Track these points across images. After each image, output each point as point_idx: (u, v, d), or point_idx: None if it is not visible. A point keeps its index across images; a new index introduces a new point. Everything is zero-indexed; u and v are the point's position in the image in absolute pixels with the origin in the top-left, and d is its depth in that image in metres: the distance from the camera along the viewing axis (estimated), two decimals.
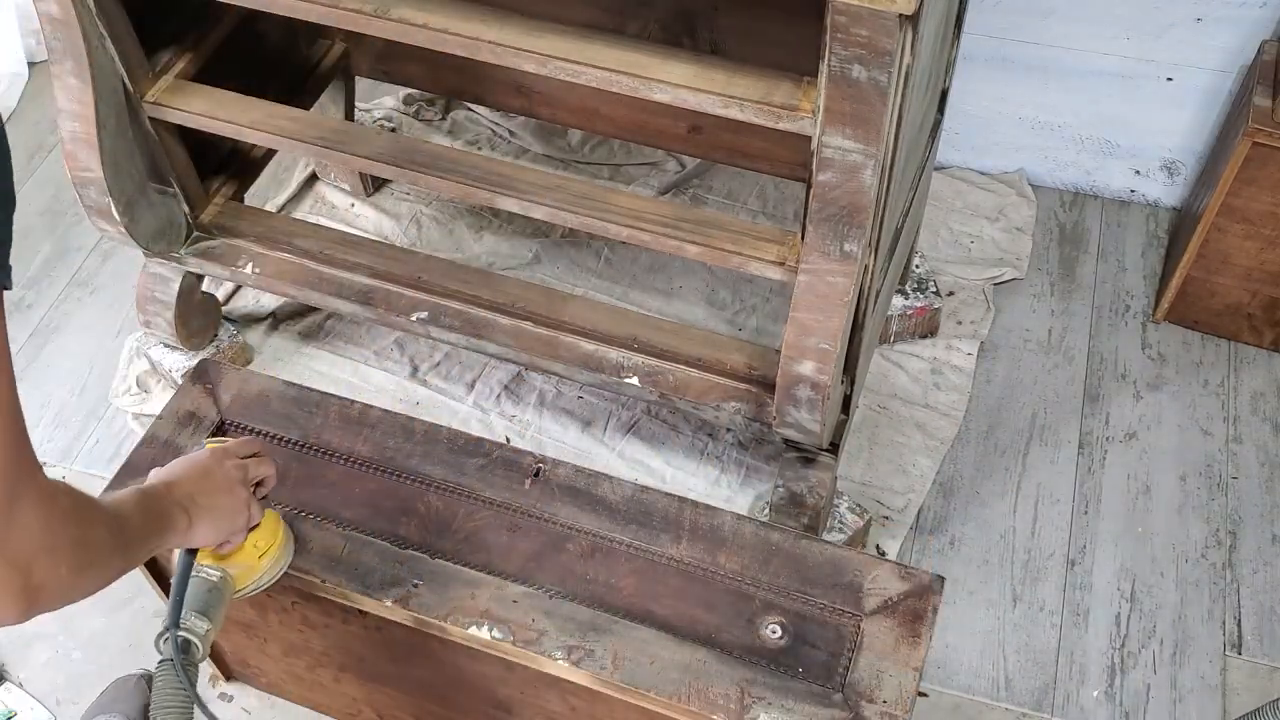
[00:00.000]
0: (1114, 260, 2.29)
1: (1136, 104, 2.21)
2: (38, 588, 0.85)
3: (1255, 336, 2.15)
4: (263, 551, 1.27)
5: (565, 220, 1.61)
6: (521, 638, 1.30)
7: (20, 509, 0.83)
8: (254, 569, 1.26)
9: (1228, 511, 1.95)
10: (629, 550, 1.38)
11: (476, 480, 1.44)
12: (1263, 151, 1.88)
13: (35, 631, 1.82)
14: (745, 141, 1.99)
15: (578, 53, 1.40)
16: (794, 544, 1.38)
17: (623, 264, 2.26)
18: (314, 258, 1.89)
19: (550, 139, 2.47)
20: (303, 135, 1.71)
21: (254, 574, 1.27)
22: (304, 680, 1.65)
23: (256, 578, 1.27)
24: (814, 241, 1.41)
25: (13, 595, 0.84)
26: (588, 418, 2.05)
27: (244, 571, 1.25)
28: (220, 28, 1.83)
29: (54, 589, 0.87)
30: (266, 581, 1.29)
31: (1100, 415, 2.07)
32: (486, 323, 1.80)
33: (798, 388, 1.57)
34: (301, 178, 2.41)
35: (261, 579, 1.28)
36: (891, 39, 1.17)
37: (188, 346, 2.05)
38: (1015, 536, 1.93)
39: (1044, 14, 2.13)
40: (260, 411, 1.51)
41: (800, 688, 1.27)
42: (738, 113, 1.36)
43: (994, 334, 2.18)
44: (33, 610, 0.87)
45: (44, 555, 0.86)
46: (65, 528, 0.88)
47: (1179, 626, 1.83)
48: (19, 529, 0.83)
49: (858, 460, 1.99)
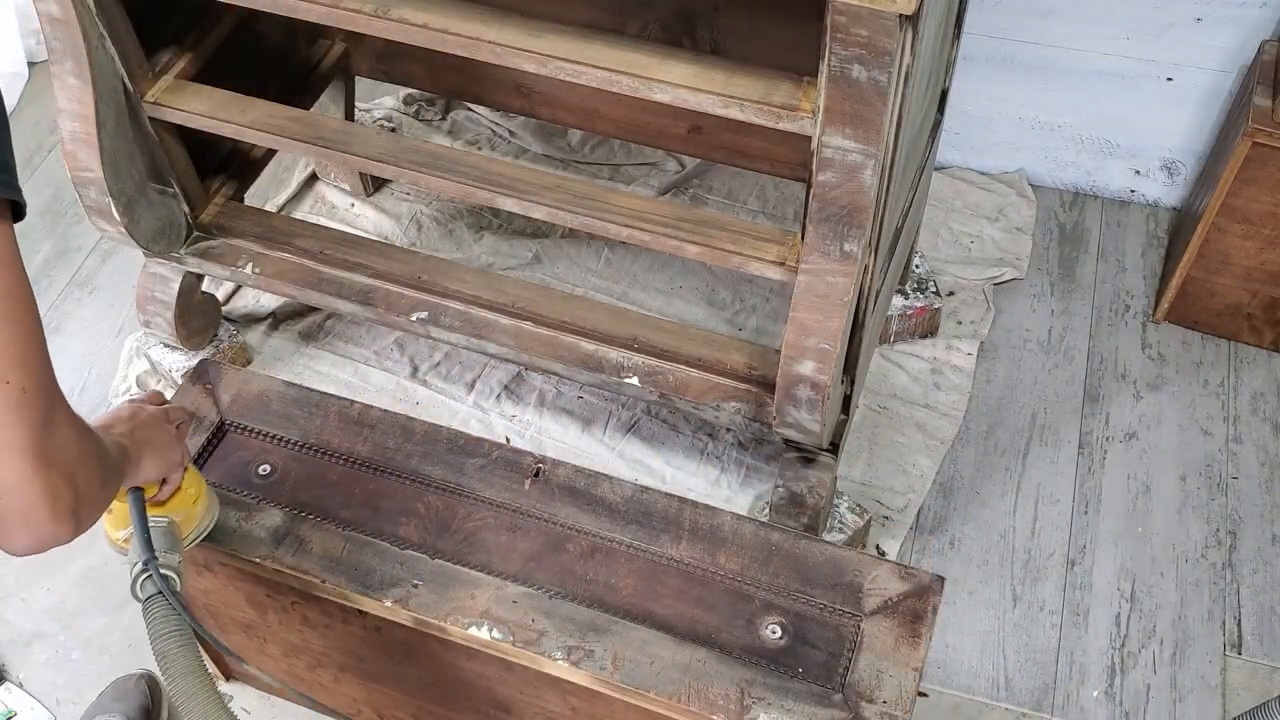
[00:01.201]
0: (1114, 260, 2.29)
1: (1136, 104, 2.21)
2: (84, 500, 0.88)
3: (1255, 336, 2.15)
4: (194, 498, 1.29)
5: (565, 220, 1.61)
6: (521, 638, 1.30)
7: (59, 420, 0.86)
8: (192, 515, 1.29)
9: (1228, 511, 1.95)
10: (629, 550, 1.38)
11: (476, 480, 1.44)
12: (1263, 151, 1.88)
13: (35, 631, 1.82)
14: (745, 141, 1.99)
15: (578, 53, 1.40)
16: (794, 544, 1.38)
17: (623, 264, 2.26)
18: (314, 258, 1.89)
19: (550, 139, 2.47)
20: (303, 135, 1.71)
21: (194, 521, 1.29)
22: (304, 680, 1.65)
23: (197, 525, 1.30)
24: (814, 241, 1.41)
25: (68, 510, 0.87)
26: (588, 418, 2.05)
27: (185, 519, 1.28)
28: (220, 28, 1.83)
29: (93, 502, 0.90)
30: (204, 529, 1.32)
31: (1100, 415, 2.07)
32: (486, 323, 1.80)
33: (798, 388, 1.57)
34: (301, 178, 2.41)
35: (201, 526, 1.31)
36: (891, 39, 1.17)
37: (188, 346, 2.05)
38: (1015, 536, 1.93)
39: (1044, 14, 2.13)
40: (260, 412, 1.51)
41: (800, 688, 1.27)
42: (738, 113, 1.36)
43: (994, 334, 2.18)
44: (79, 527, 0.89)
45: (83, 464, 0.88)
46: (90, 439, 0.92)
47: (1179, 626, 1.83)
48: (61, 440, 0.86)
49: (858, 460, 1.99)
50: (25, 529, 0.86)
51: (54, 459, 0.85)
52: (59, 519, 0.86)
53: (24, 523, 0.85)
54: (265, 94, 1.79)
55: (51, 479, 0.85)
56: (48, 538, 0.87)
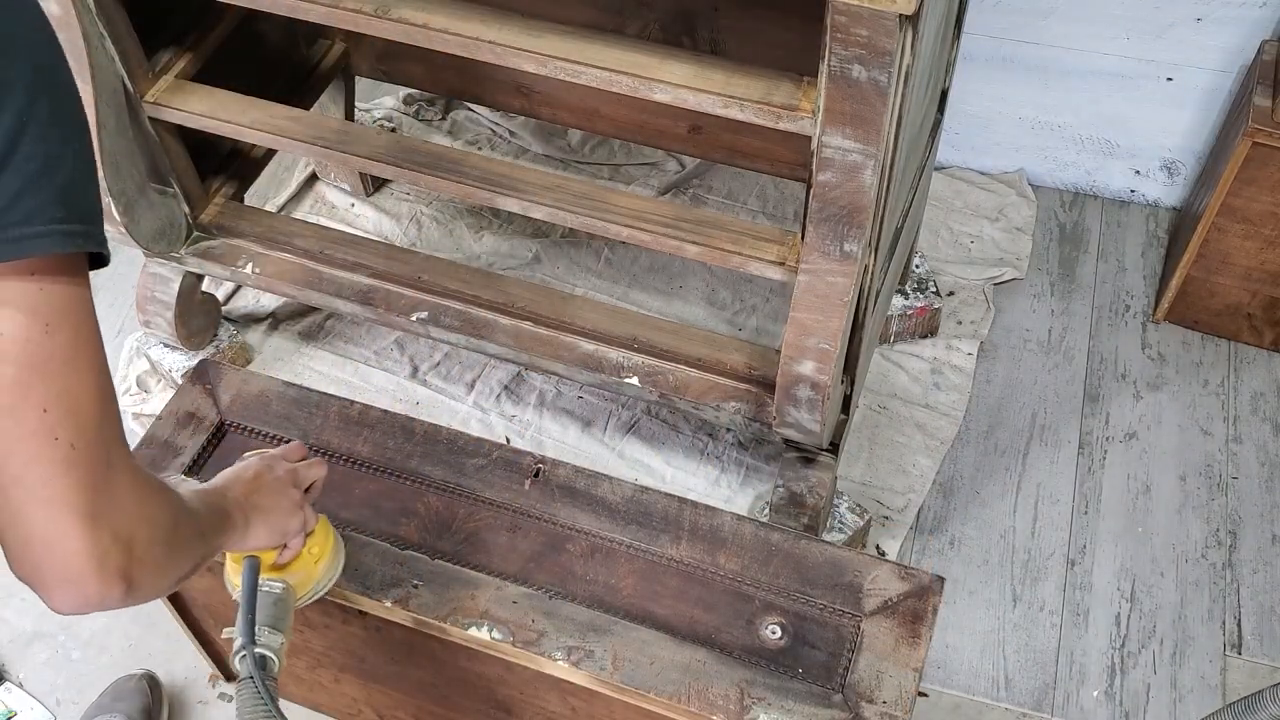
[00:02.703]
0: (1114, 260, 2.29)
1: (1136, 104, 2.21)
2: (139, 562, 0.84)
3: (1255, 336, 2.15)
4: (318, 558, 1.24)
5: (565, 220, 1.61)
6: (521, 638, 1.30)
7: (116, 479, 0.82)
8: (311, 576, 1.23)
9: (1228, 511, 1.95)
10: (629, 550, 1.38)
11: (476, 480, 1.44)
12: (1263, 151, 1.88)
13: (35, 631, 1.82)
14: (745, 141, 1.99)
15: (578, 53, 1.40)
16: (794, 544, 1.38)
17: (623, 264, 2.26)
18: (314, 258, 1.89)
19: (550, 139, 2.47)
20: (303, 135, 1.71)
21: (311, 581, 1.24)
22: (304, 680, 1.65)
23: (314, 585, 1.24)
24: (814, 241, 1.41)
25: (118, 570, 0.82)
26: (588, 418, 2.05)
27: (302, 580, 1.22)
28: (220, 28, 1.83)
29: (152, 566, 0.86)
30: (323, 588, 1.26)
31: (1100, 415, 2.07)
32: (486, 323, 1.80)
33: (798, 388, 1.57)
34: (301, 178, 2.41)
35: (319, 585, 1.25)
36: (891, 39, 1.17)
37: (188, 346, 2.05)
38: (1015, 536, 1.93)
39: (1044, 14, 2.13)
40: (260, 412, 1.51)
41: (800, 688, 1.27)
42: (738, 113, 1.36)
43: (994, 334, 2.18)
44: (135, 590, 0.84)
45: (143, 526, 0.84)
46: (157, 502, 0.88)
47: (1179, 626, 1.83)
48: (116, 499, 0.82)
49: (858, 460, 1.99)
50: (66, 587, 0.82)
51: (105, 518, 0.81)
52: (106, 580, 0.82)
53: (64, 580, 0.81)
54: (265, 94, 1.79)
55: (99, 538, 0.81)
56: (93, 597, 0.83)
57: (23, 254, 0.74)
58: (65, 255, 0.77)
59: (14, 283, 0.75)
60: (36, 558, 0.80)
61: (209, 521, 1.03)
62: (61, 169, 0.76)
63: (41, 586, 0.82)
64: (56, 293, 0.77)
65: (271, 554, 1.18)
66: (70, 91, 0.78)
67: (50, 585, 0.82)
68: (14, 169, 0.73)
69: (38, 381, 0.77)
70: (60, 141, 0.75)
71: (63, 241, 0.76)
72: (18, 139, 0.73)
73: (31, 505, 0.79)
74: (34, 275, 0.76)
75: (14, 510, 0.79)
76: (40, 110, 0.74)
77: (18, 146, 0.73)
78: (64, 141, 0.76)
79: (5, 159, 0.73)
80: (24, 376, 0.76)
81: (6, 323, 0.75)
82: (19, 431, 0.77)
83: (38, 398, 0.77)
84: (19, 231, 0.74)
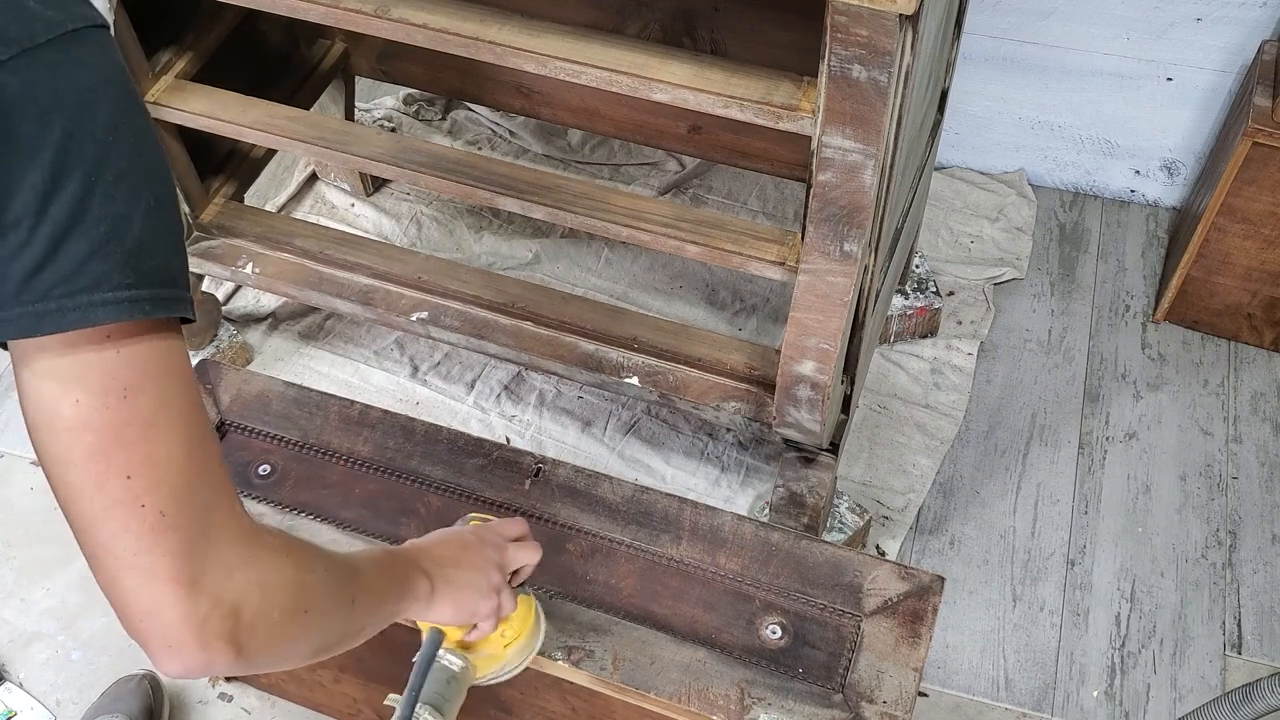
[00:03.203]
0: (1114, 260, 2.29)
1: (1136, 104, 2.21)
2: (249, 629, 0.80)
3: (1255, 336, 2.15)
4: (509, 641, 1.17)
5: (565, 220, 1.61)
6: None
7: (216, 542, 0.79)
8: (498, 658, 1.17)
9: (1228, 511, 1.95)
10: (629, 550, 1.38)
11: (476, 480, 1.44)
12: (1263, 151, 1.88)
13: (35, 631, 1.82)
14: (745, 141, 1.99)
15: (578, 53, 1.40)
16: (794, 544, 1.38)
17: (623, 264, 2.26)
18: (314, 258, 1.89)
19: (550, 139, 2.47)
20: (303, 135, 1.71)
21: (497, 663, 1.17)
22: (304, 680, 1.65)
23: (499, 667, 1.18)
24: (814, 241, 1.41)
25: (221, 636, 0.79)
26: (588, 418, 2.05)
27: (486, 660, 1.16)
28: (220, 28, 1.83)
29: (266, 632, 0.82)
30: (511, 672, 1.19)
31: (1100, 415, 2.07)
32: (486, 323, 1.80)
33: (798, 388, 1.57)
34: (301, 178, 2.41)
35: (505, 668, 1.18)
36: (891, 39, 1.17)
37: (188, 346, 2.04)
38: (1015, 536, 1.93)
39: (1044, 14, 2.13)
40: (260, 412, 1.51)
41: (800, 688, 1.27)
42: (738, 113, 1.36)
43: (994, 334, 2.18)
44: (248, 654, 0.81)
45: (253, 592, 0.80)
46: (275, 565, 0.83)
47: (1179, 626, 1.83)
48: (216, 562, 0.79)
49: (858, 460, 1.99)
50: (169, 654, 0.79)
51: (204, 585, 0.78)
52: (208, 647, 0.78)
53: (167, 648, 0.78)
54: (265, 94, 1.79)
55: (197, 605, 0.77)
56: (197, 664, 0.79)
57: (91, 322, 0.71)
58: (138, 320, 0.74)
59: (88, 351, 0.73)
60: (136, 624, 0.78)
61: (379, 587, 0.98)
62: (130, 231, 0.72)
63: (147, 650, 0.80)
64: (134, 356, 0.74)
65: (456, 633, 1.12)
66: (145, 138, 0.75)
67: (153, 651, 0.80)
68: (82, 233, 0.70)
69: (118, 449, 0.74)
70: (129, 199, 0.72)
71: (130, 310, 0.72)
72: (87, 201, 0.70)
73: (124, 573, 0.77)
74: (109, 340, 0.73)
75: (110, 577, 0.77)
76: (110, 170, 0.71)
77: (87, 210, 0.70)
78: (133, 198, 0.73)
79: (75, 221, 0.70)
80: (103, 444, 0.74)
81: (83, 391, 0.73)
82: (104, 500, 0.75)
83: (120, 465, 0.74)
84: (87, 299, 0.71)
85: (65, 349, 0.72)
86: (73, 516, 0.76)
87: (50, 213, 0.69)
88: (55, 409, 0.73)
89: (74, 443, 0.74)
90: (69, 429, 0.73)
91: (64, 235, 0.70)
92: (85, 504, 0.75)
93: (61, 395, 0.73)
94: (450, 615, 1.08)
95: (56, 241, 0.69)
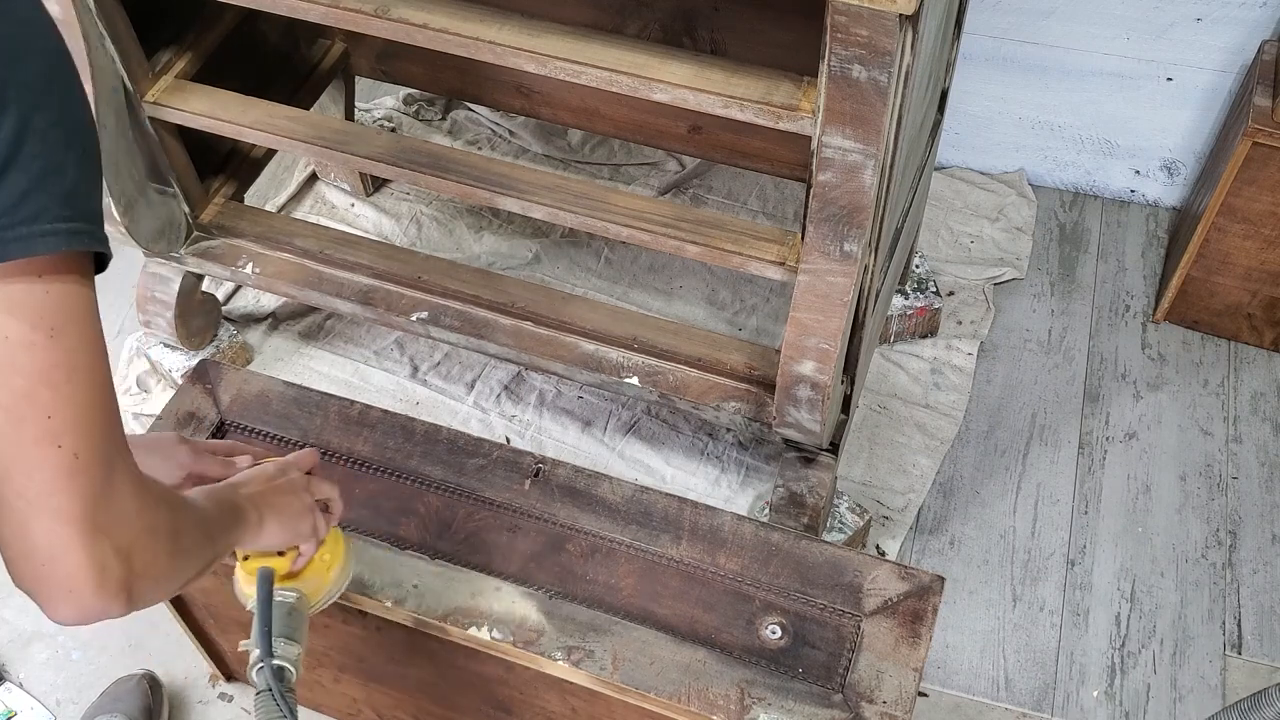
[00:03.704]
0: (1114, 260, 2.30)
1: (1136, 104, 2.21)
2: (139, 576, 0.83)
3: (1255, 336, 2.15)
4: (330, 564, 1.23)
5: (565, 220, 1.61)
6: (521, 638, 1.30)
7: (117, 489, 0.82)
8: (324, 583, 1.23)
9: (1228, 511, 1.95)
10: (629, 550, 1.38)
11: (476, 480, 1.44)
12: (1263, 151, 1.88)
13: (35, 631, 1.82)
14: (745, 141, 1.99)
15: (578, 53, 1.40)
16: (794, 544, 1.38)
17: (623, 264, 2.26)
18: (314, 258, 1.89)
19: (550, 139, 2.47)
20: (303, 135, 1.71)
21: (324, 588, 1.23)
22: (304, 680, 1.65)
23: (327, 591, 1.24)
24: (814, 241, 1.41)
25: (117, 582, 0.82)
26: (588, 418, 2.05)
27: (315, 587, 1.22)
28: (220, 28, 1.83)
29: (154, 575, 0.85)
30: (335, 594, 1.26)
31: (1100, 415, 2.07)
32: (486, 323, 1.80)
33: (798, 388, 1.57)
34: (301, 178, 2.41)
35: (332, 592, 1.25)
36: (891, 39, 1.17)
37: (188, 346, 2.05)
38: (1015, 536, 1.93)
39: (1044, 14, 2.13)
40: (260, 411, 1.51)
41: (800, 688, 1.27)
42: (738, 113, 1.36)
43: (994, 334, 2.18)
44: (135, 599, 0.84)
45: (144, 537, 0.83)
46: (159, 510, 0.87)
47: (1179, 626, 1.83)
48: (118, 510, 0.82)
49: (858, 460, 1.99)
50: (68, 599, 0.81)
51: (106, 530, 0.80)
52: (105, 593, 0.81)
53: (66, 593, 0.81)
54: (265, 94, 1.79)
55: (99, 550, 0.80)
56: (93, 610, 0.82)
57: (31, 252, 0.74)
58: (71, 255, 0.77)
59: (20, 284, 0.75)
60: (37, 570, 0.80)
61: (219, 521, 1.02)
62: (66, 171, 0.76)
63: (41, 597, 0.81)
64: (62, 295, 0.77)
65: (284, 564, 1.17)
66: (75, 95, 0.78)
67: (50, 597, 0.81)
68: (20, 168, 0.73)
69: (42, 388, 0.76)
70: (64, 145, 0.76)
71: (68, 240, 0.76)
72: (21, 140, 0.73)
73: (34, 517, 0.78)
74: (41, 277, 0.75)
75: (18, 522, 0.78)
76: (45, 114, 0.74)
77: (22, 147, 0.73)
78: (67, 145, 0.76)
79: (11, 159, 0.73)
80: (29, 384, 0.76)
81: (11, 328, 0.75)
82: (22, 439, 0.77)
83: (43, 404, 0.77)
84: (26, 230, 0.74)
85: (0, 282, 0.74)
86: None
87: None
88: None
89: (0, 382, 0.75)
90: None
91: (3, 171, 0.72)
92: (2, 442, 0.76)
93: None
94: (278, 537, 1.13)
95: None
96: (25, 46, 0.74)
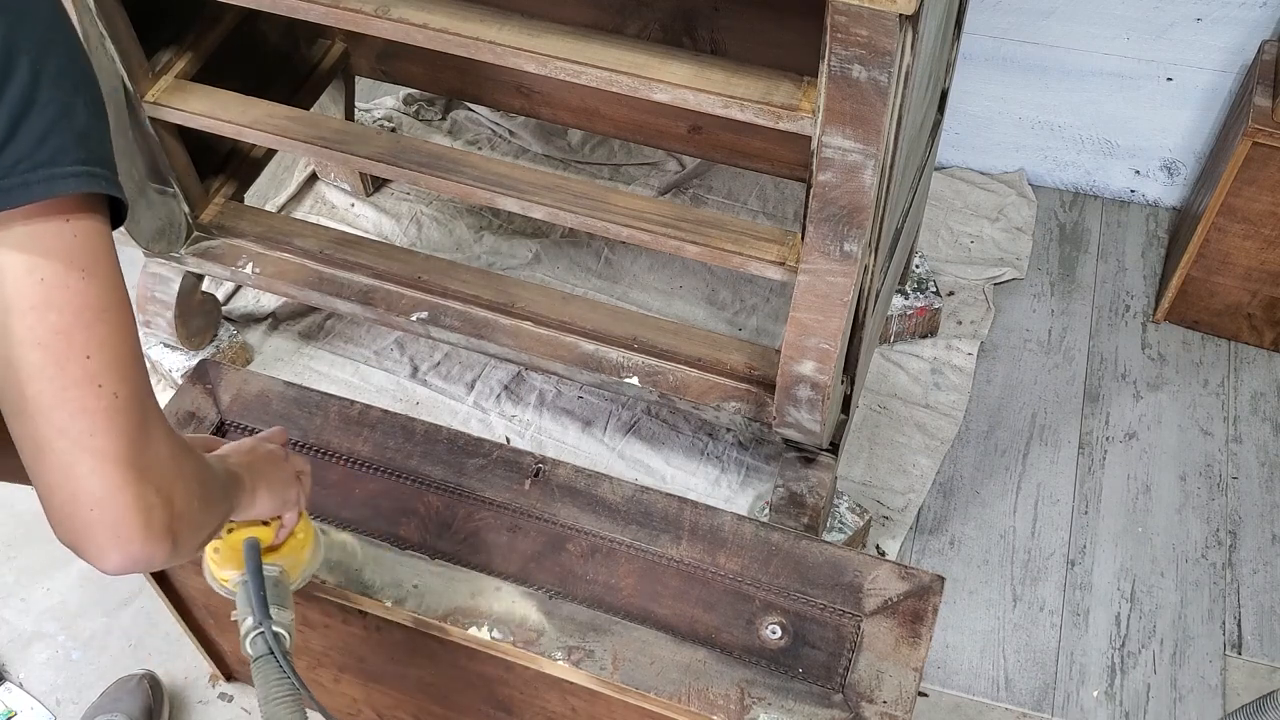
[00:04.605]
0: (1114, 260, 2.30)
1: (1136, 104, 2.22)
2: (180, 518, 0.83)
3: (1255, 336, 2.15)
4: (304, 543, 1.25)
5: (565, 220, 1.61)
6: (521, 638, 1.30)
7: (153, 432, 0.82)
8: (300, 560, 1.25)
9: (1228, 511, 1.95)
10: (629, 550, 1.38)
11: (476, 480, 1.44)
12: (1263, 151, 1.88)
13: (35, 631, 1.82)
14: (745, 141, 1.99)
15: (578, 53, 1.40)
16: (794, 544, 1.38)
17: (623, 264, 2.26)
18: (314, 258, 1.89)
19: (550, 139, 2.47)
20: (303, 135, 1.71)
21: (300, 565, 1.25)
22: (304, 680, 1.64)
23: (303, 569, 1.26)
24: (814, 241, 1.41)
25: (163, 524, 0.81)
26: (588, 418, 2.05)
27: (292, 564, 1.24)
28: (220, 28, 1.83)
29: (190, 521, 0.85)
30: (309, 573, 1.29)
31: (1100, 415, 2.07)
32: (486, 323, 1.80)
33: (798, 388, 1.57)
34: (301, 178, 2.41)
35: (306, 571, 1.27)
36: (891, 39, 1.17)
37: (188, 346, 2.05)
38: (1015, 536, 1.93)
39: (1044, 14, 2.13)
40: (260, 412, 1.51)
41: (800, 688, 1.27)
42: (738, 113, 1.36)
43: (994, 334, 2.18)
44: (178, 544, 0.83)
45: (180, 482, 0.84)
46: (189, 456, 0.87)
47: (1179, 626, 1.83)
48: (155, 452, 0.82)
49: (858, 460, 1.99)
50: (116, 544, 0.80)
51: (148, 471, 0.80)
52: (153, 536, 0.81)
53: (115, 537, 0.80)
54: (265, 94, 1.79)
55: (145, 492, 0.80)
56: (141, 555, 0.81)
57: (54, 193, 0.75)
58: (91, 197, 0.78)
59: (48, 224, 0.76)
60: (86, 515, 0.79)
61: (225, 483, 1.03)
62: (77, 116, 0.77)
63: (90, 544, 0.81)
64: (88, 236, 0.77)
65: (269, 534, 1.19)
66: (77, 47, 0.79)
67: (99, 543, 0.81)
68: (38, 111, 0.74)
69: (79, 329, 0.77)
70: (72, 91, 0.77)
71: (88, 181, 0.76)
72: (38, 84, 0.74)
73: (79, 458, 0.78)
74: (68, 219, 0.76)
75: (62, 467, 0.78)
76: (51, 64, 0.75)
77: (39, 92, 0.74)
78: (75, 91, 0.77)
79: (28, 105, 0.74)
80: (66, 324, 0.76)
81: (46, 269, 0.75)
82: (64, 380, 0.77)
83: (80, 345, 0.77)
84: (49, 172, 0.74)
85: (27, 225, 0.75)
86: (28, 400, 0.77)
87: (5, 98, 0.73)
88: (19, 288, 0.75)
89: (39, 321, 0.76)
90: (34, 307, 0.76)
91: (21, 115, 0.74)
92: (45, 383, 0.77)
93: (26, 274, 0.75)
94: (268, 503, 1.13)
95: (15, 121, 0.74)
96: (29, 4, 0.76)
